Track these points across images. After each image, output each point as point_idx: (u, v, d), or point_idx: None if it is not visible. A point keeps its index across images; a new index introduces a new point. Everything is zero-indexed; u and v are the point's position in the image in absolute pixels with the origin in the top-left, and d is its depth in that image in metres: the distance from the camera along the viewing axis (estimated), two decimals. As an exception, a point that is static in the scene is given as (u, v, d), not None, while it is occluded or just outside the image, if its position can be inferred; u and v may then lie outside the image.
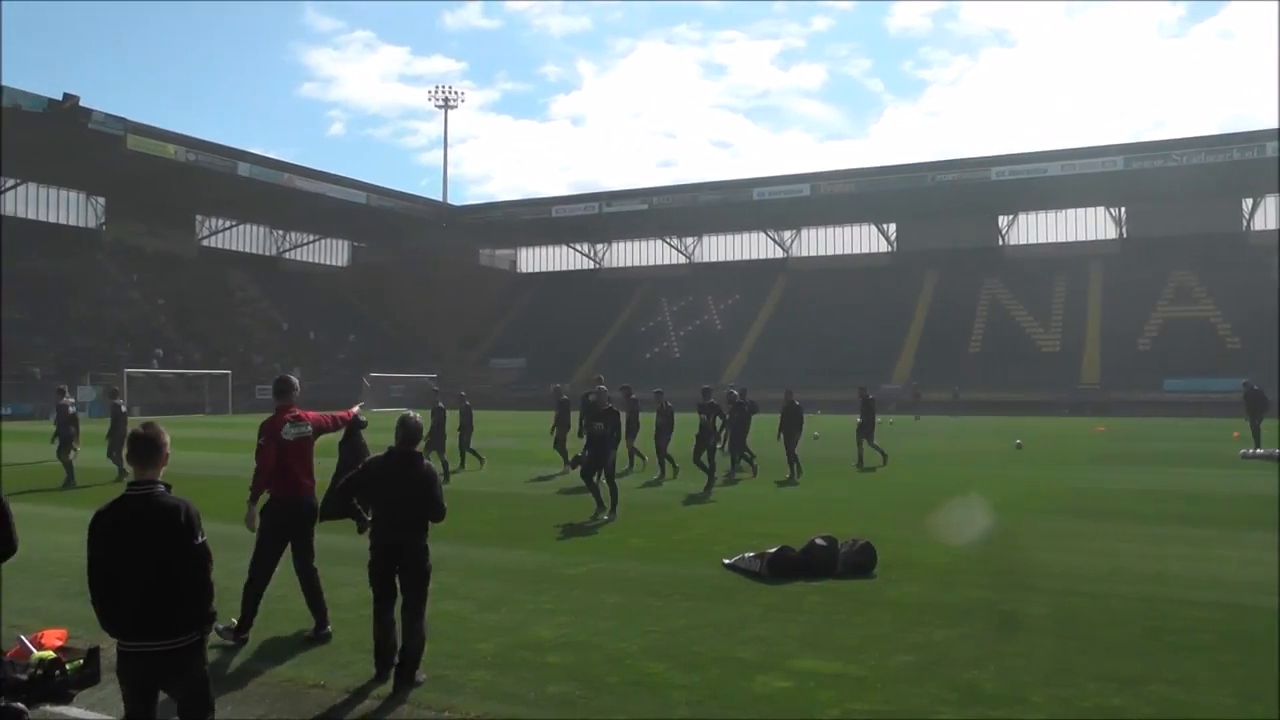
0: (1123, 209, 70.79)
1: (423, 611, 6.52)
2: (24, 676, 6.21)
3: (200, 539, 4.43)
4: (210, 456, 24.23)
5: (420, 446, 6.90)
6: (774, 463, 19.96)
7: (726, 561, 10.32)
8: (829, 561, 9.73)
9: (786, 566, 9.68)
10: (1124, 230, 71.11)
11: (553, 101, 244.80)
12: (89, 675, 6.49)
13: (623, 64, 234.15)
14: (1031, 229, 75.61)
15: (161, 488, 4.47)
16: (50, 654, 6.44)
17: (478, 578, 9.72)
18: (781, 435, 19.80)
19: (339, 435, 8.09)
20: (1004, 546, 11.53)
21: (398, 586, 6.57)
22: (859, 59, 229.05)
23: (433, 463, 22.35)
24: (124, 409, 19.68)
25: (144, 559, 4.33)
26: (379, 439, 7.27)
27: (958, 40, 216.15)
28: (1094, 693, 6.18)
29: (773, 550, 9.93)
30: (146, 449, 4.51)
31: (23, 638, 6.68)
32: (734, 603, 8.68)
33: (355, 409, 8.14)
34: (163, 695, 4.52)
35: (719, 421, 18.50)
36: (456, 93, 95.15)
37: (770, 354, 67.90)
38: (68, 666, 6.39)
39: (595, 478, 14.01)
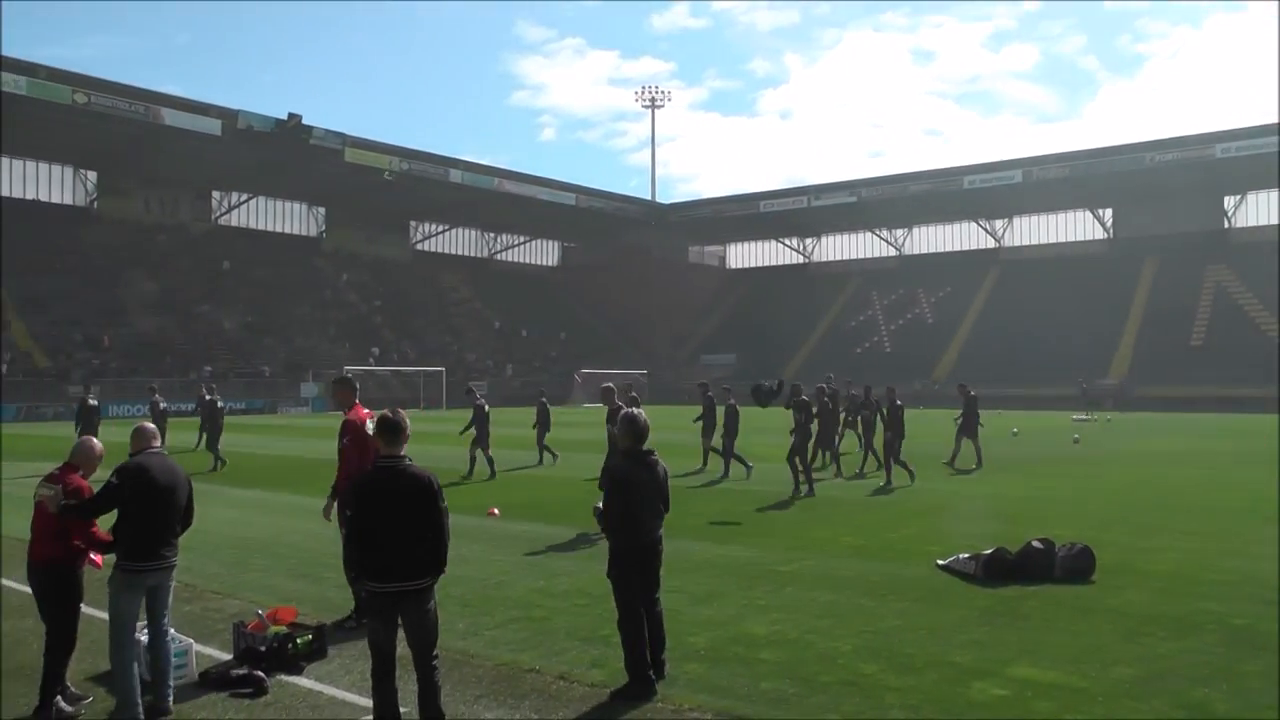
0: (1371, 184, 64.79)
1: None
2: (262, 648, 6.86)
3: (443, 504, 5.36)
4: (415, 449, 25.43)
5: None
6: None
7: (940, 562, 10.23)
8: (1046, 565, 9.51)
9: (1001, 569, 9.51)
10: (1371, 208, 65.17)
11: (760, 97, 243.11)
12: (317, 650, 7.11)
13: (830, 55, 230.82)
14: (1262, 209, 69.77)
15: (409, 460, 5.46)
16: (284, 629, 7.08)
17: (689, 571, 9.89)
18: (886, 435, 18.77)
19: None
20: (1233, 556, 10.87)
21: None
22: (1072, 36, 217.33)
23: (479, 460, 22.18)
24: (220, 404, 20.79)
25: (399, 517, 5.24)
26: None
27: (1179, 9, 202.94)
28: (1343, 718, 5.79)
29: (988, 552, 9.76)
30: (394, 430, 5.52)
31: (260, 613, 7.36)
32: (948, 605, 8.60)
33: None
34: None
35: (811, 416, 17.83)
36: (663, 93, 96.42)
37: (983, 347, 65.94)
38: (299, 641, 7.00)
39: None
